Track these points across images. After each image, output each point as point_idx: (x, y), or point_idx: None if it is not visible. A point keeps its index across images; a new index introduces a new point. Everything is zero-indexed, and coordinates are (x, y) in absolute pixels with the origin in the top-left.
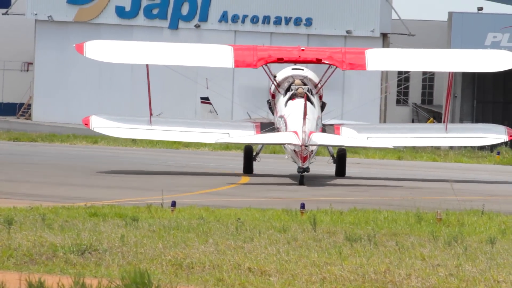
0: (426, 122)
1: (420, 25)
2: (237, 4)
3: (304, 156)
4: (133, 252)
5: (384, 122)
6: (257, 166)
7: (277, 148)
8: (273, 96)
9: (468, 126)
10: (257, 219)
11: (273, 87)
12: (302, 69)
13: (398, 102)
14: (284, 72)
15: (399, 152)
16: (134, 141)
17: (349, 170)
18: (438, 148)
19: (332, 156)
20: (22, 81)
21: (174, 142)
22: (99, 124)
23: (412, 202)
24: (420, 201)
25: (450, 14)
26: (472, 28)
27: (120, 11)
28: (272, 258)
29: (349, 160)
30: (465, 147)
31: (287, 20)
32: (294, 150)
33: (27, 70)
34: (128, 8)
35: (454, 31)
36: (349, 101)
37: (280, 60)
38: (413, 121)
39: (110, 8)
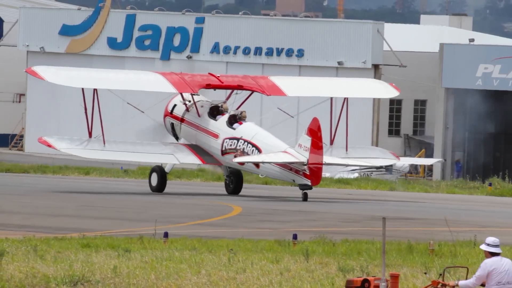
0: (418, 153)
1: (411, 56)
2: (229, 35)
3: (307, 173)
4: (126, 283)
5: None
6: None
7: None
8: (182, 120)
9: (365, 148)
10: (249, 250)
11: (182, 111)
12: (198, 95)
13: (390, 133)
14: (179, 98)
15: (391, 184)
16: (126, 171)
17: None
18: (430, 178)
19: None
20: (14, 112)
21: (170, 174)
22: (63, 146)
23: (404, 233)
24: (412, 231)
25: (442, 45)
26: (463, 60)
27: (112, 42)
28: None
29: (340, 191)
30: (456, 178)
31: (279, 51)
32: (291, 168)
33: (19, 101)
34: (120, 39)
35: (446, 62)
36: (339, 132)
37: (208, 86)
38: (405, 152)
39: (102, 39)
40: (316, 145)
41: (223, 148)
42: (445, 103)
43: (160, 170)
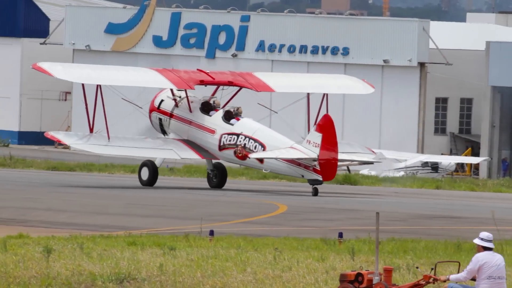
0: (464, 151)
1: (457, 54)
2: (274, 33)
3: (317, 169)
4: (172, 281)
5: (422, 152)
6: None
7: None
8: (171, 115)
9: (343, 144)
10: (295, 248)
11: (170, 106)
12: (182, 90)
13: (436, 131)
14: (167, 93)
15: (437, 182)
16: (171, 170)
17: (386, 199)
18: (476, 177)
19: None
20: (60, 111)
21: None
22: (72, 141)
23: (451, 231)
24: (459, 230)
25: (488, 43)
26: (510, 57)
27: (157, 41)
28: None
29: (386, 189)
30: (503, 176)
31: (324, 50)
32: (300, 164)
33: (65, 100)
34: (165, 38)
35: (492, 60)
36: (386, 131)
37: (201, 82)
38: (451, 151)
39: (148, 37)
40: (328, 141)
41: (221, 144)
42: (492, 101)
43: (151, 165)
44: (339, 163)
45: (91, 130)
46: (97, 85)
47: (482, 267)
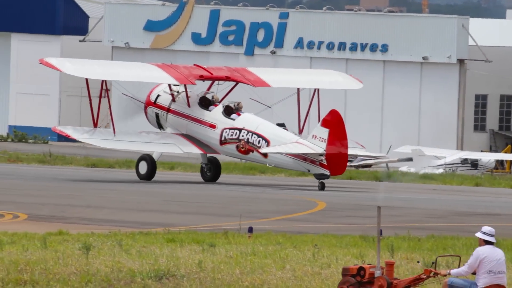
0: (504, 148)
1: (497, 51)
2: (312, 30)
3: (324, 164)
4: (211, 278)
5: (461, 148)
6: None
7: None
8: (168, 110)
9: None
10: (334, 245)
11: (167, 101)
12: (179, 85)
13: (475, 128)
14: (163, 88)
15: (477, 179)
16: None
17: (424, 196)
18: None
19: None
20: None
21: (250, 168)
22: (79, 136)
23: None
24: (499, 227)
25: None
26: None
27: (196, 38)
28: None
29: (425, 186)
30: None
31: (363, 47)
32: (306, 158)
33: (105, 97)
34: (204, 35)
35: None
36: (425, 128)
37: (201, 78)
38: (490, 148)
39: (186, 34)
40: (337, 136)
41: (222, 138)
42: None
43: (149, 159)
44: (376, 161)
45: (95, 125)
46: (102, 80)
47: (483, 262)
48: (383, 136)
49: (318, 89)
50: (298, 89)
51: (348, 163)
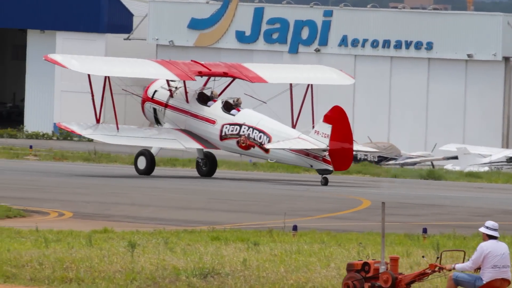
0: None
1: None
2: (357, 28)
3: (327, 159)
4: (255, 276)
5: (507, 147)
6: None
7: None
8: (166, 105)
9: None
10: (378, 243)
11: (165, 96)
12: (175, 81)
13: None
14: (160, 83)
15: None
16: (254, 164)
17: (470, 194)
18: None
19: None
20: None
21: (294, 167)
22: (83, 131)
23: None
24: None
25: None
26: None
27: (240, 36)
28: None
29: (471, 184)
30: None
31: (408, 44)
32: (309, 154)
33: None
34: (248, 33)
35: None
36: (470, 126)
37: (200, 73)
38: None
39: (230, 33)
40: (340, 132)
41: (223, 134)
42: None
43: (148, 154)
44: (421, 159)
45: (98, 121)
46: (105, 77)
47: (487, 256)
48: (428, 134)
49: (312, 85)
50: (291, 84)
51: (393, 161)
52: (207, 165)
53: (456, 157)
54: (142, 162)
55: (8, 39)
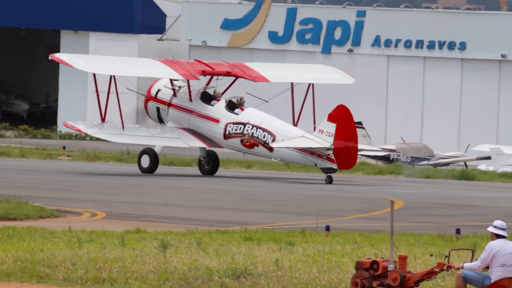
0: None
1: None
2: (390, 28)
3: (331, 158)
4: (288, 277)
5: None
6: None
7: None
8: (170, 104)
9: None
10: (411, 244)
11: (168, 95)
12: (180, 80)
13: None
14: (163, 82)
15: None
16: (287, 165)
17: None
18: None
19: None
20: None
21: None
22: (90, 130)
23: None
24: None
25: None
26: None
27: (273, 36)
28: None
29: (504, 185)
30: None
31: (441, 45)
32: (313, 153)
33: None
34: (281, 33)
35: None
36: (504, 126)
37: (203, 73)
38: None
39: (263, 33)
40: (345, 131)
41: (226, 133)
42: None
43: (152, 152)
44: (454, 159)
45: (103, 120)
46: (111, 76)
47: (496, 255)
48: (461, 134)
49: (313, 84)
50: (292, 84)
51: (426, 162)
52: (209, 164)
53: (489, 158)
54: (145, 161)
55: (41, 40)
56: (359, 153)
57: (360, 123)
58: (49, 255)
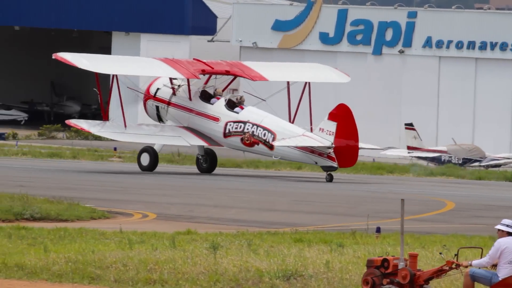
0: None
1: None
2: (441, 29)
3: (331, 156)
4: (338, 278)
5: None
6: None
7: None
8: (169, 103)
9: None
10: (463, 245)
11: (168, 94)
12: (176, 79)
13: None
14: (162, 81)
15: None
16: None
17: None
18: None
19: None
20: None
21: (378, 168)
22: (93, 128)
23: None
24: None
25: None
26: None
27: (324, 37)
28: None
29: None
30: None
31: (493, 46)
32: (314, 151)
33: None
34: (331, 34)
35: None
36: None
37: (203, 72)
38: None
39: (314, 34)
40: (345, 129)
41: (226, 131)
42: None
43: (152, 150)
44: (506, 161)
45: (105, 118)
46: (113, 75)
47: (503, 252)
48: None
49: (309, 83)
50: (288, 82)
51: (478, 163)
52: (207, 162)
53: None
54: (145, 159)
55: (93, 42)
56: (410, 154)
57: (411, 124)
58: (100, 256)
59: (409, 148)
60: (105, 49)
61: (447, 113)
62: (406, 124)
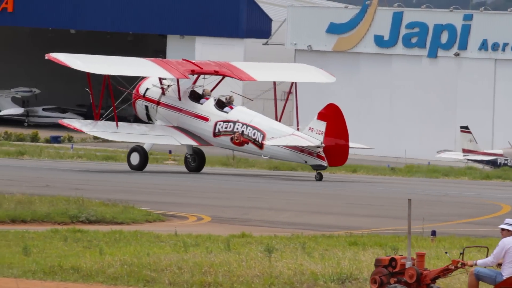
0: None
1: None
2: (497, 31)
3: (321, 155)
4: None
5: None
6: None
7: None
8: (158, 103)
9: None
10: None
11: (157, 94)
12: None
13: None
14: (151, 81)
15: None
16: (392, 169)
17: None
18: None
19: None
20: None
21: (433, 171)
22: (86, 128)
23: None
24: None
25: None
26: None
27: (379, 40)
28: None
29: None
30: None
31: None
32: (303, 150)
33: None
34: (386, 37)
35: None
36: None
37: (192, 72)
38: None
39: (369, 37)
40: (335, 129)
41: (216, 131)
42: None
43: (142, 150)
44: None
45: (97, 117)
46: (105, 75)
47: (508, 251)
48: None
49: (296, 83)
50: (274, 83)
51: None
52: (195, 161)
53: None
54: (135, 158)
55: (148, 45)
56: (465, 157)
57: (466, 127)
58: (155, 259)
59: (464, 151)
60: (160, 52)
61: (503, 116)
62: (461, 127)
